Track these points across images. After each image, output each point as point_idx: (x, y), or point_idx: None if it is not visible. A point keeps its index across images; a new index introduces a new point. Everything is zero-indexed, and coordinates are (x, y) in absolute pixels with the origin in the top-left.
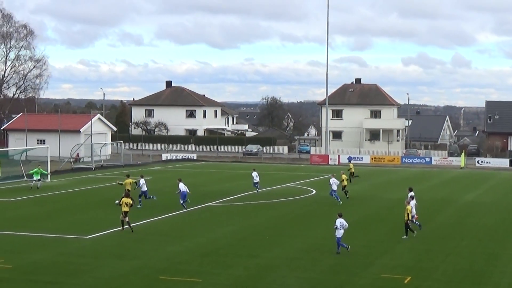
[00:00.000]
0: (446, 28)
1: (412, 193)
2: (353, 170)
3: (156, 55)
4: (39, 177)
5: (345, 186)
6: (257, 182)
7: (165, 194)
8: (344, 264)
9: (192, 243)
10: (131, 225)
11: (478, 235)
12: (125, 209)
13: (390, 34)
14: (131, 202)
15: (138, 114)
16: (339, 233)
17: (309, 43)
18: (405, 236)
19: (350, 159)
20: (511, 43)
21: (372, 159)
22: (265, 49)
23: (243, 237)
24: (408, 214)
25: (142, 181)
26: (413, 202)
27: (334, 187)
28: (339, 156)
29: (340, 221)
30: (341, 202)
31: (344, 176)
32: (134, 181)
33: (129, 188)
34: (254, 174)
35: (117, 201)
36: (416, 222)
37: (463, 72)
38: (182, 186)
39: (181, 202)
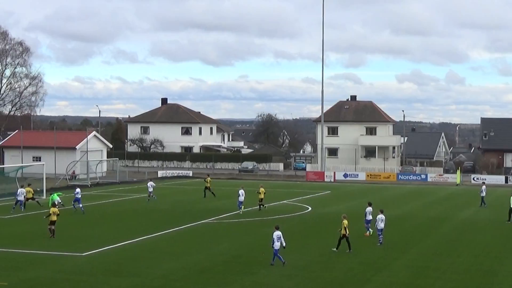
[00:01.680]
0: (439, 45)
1: (370, 208)
2: (208, 185)
3: (151, 72)
4: (59, 200)
5: (261, 199)
6: (151, 192)
7: (161, 211)
8: (340, 281)
9: (188, 260)
10: (54, 233)
11: (474, 252)
12: (53, 218)
13: (383, 51)
14: (58, 212)
15: (133, 131)
16: (276, 245)
17: (303, 60)
18: (335, 249)
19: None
20: (504, 60)
21: (367, 176)
22: (260, 66)
23: (240, 254)
24: (344, 228)
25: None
26: (380, 217)
27: (241, 199)
28: (334, 173)
29: (276, 234)
30: (241, 213)
31: (262, 190)
32: (31, 190)
33: (29, 196)
34: (149, 184)
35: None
36: (370, 230)
37: (457, 89)
38: (78, 192)
39: (73, 201)
